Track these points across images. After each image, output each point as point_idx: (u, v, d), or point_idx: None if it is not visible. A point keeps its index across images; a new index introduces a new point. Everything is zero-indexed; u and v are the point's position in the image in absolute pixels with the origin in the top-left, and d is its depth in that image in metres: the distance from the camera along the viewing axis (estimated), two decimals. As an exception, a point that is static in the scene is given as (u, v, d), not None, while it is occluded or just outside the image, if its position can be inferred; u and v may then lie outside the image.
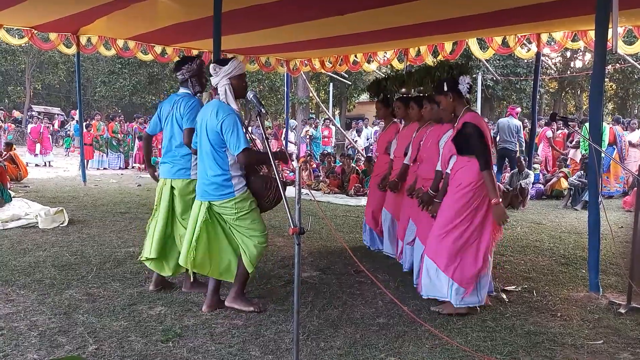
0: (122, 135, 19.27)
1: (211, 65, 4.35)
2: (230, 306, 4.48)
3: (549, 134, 14.85)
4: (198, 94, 4.98)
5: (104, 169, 18.28)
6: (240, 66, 4.39)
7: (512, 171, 11.80)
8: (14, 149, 14.23)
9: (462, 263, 4.48)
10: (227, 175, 4.28)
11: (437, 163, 4.98)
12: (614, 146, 13.04)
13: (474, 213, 4.45)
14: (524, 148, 13.14)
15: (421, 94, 6.25)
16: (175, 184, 4.88)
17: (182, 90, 5.02)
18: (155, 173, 5.38)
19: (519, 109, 13.39)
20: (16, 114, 35.35)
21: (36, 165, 18.61)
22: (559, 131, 15.23)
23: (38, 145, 19.37)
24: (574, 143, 14.35)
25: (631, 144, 13.68)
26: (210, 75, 4.46)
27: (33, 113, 29.14)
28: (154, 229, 4.91)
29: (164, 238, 4.91)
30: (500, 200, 4.43)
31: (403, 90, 6.63)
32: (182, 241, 4.65)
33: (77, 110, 14.62)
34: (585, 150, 13.46)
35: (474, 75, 6.17)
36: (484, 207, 4.46)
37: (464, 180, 4.46)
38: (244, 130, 4.23)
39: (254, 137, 4.86)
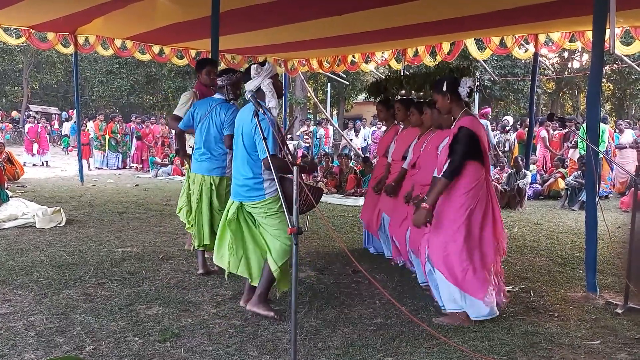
0: (121, 136, 19.24)
1: (252, 67, 4.36)
2: (252, 310, 4.38)
3: (543, 133, 14.84)
4: (232, 102, 5.34)
5: (101, 169, 18.24)
6: (274, 66, 4.51)
7: (509, 171, 11.82)
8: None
9: (470, 271, 4.34)
10: (260, 179, 4.30)
11: (435, 170, 4.89)
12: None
13: (471, 217, 4.36)
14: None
15: (422, 99, 6.21)
16: (213, 180, 5.39)
17: (217, 95, 5.40)
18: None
19: (485, 110, 13.36)
20: (14, 114, 35.33)
21: (33, 165, 18.58)
22: (556, 132, 15.24)
23: (35, 145, 19.35)
24: (572, 143, 14.36)
25: (621, 147, 13.70)
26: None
27: (30, 113, 29.07)
28: (202, 221, 5.45)
29: (212, 226, 5.41)
30: (427, 207, 4.30)
31: (403, 92, 6.58)
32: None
33: (75, 110, 14.59)
34: (584, 150, 13.48)
35: (477, 76, 6.12)
36: (480, 210, 4.37)
37: (457, 184, 4.37)
38: (278, 136, 4.19)
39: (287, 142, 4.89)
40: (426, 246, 4.57)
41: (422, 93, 6.26)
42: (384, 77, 7.32)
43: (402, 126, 6.43)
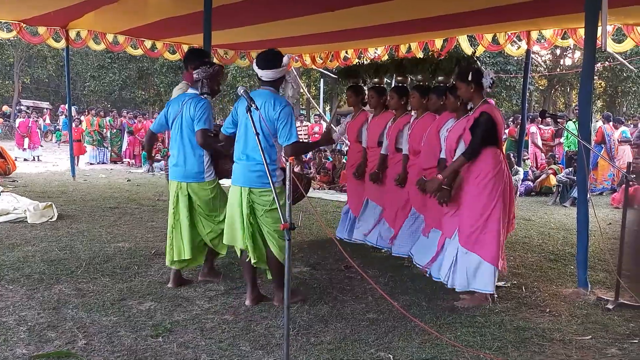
0: (112, 131, 19.15)
1: (287, 56, 4.40)
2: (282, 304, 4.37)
3: (533, 129, 14.88)
4: (205, 95, 4.88)
5: (91, 164, 18.16)
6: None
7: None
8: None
9: (499, 248, 4.68)
10: (275, 165, 4.35)
11: (440, 152, 5.18)
12: (602, 145, 13.14)
13: (501, 198, 4.63)
14: None
15: (400, 84, 6.33)
16: (191, 188, 4.87)
17: (191, 90, 4.96)
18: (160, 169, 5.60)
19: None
20: (5, 108, 35.15)
21: (25, 159, 18.49)
22: (548, 127, 15.30)
23: (26, 140, 19.25)
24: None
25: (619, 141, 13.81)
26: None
27: (22, 107, 28.92)
28: (181, 233, 4.91)
29: (193, 239, 4.94)
30: (444, 180, 4.69)
31: (376, 80, 6.68)
32: (208, 234, 4.97)
33: (67, 105, 14.53)
34: (568, 147, 13.56)
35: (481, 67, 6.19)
36: (506, 191, 4.67)
37: (483, 170, 4.61)
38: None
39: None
40: (456, 230, 4.84)
41: (400, 78, 6.37)
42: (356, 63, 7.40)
43: (372, 113, 6.60)
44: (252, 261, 4.49)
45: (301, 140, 4.52)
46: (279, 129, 4.29)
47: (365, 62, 7.13)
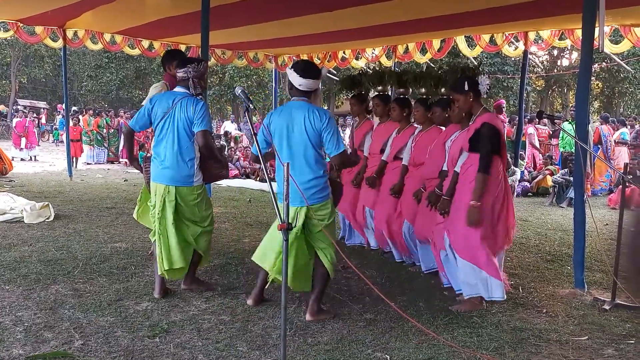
0: (109, 131, 19.14)
1: (325, 69, 4.38)
2: (315, 319, 4.28)
3: (531, 130, 14.87)
4: (200, 97, 4.64)
5: (88, 164, 18.11)
6: None
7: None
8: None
9: (489, 256, 4.62)
10: (326, 177, 4.27)
11: (443, 163, 5.12)
12: (599, 146, 13.17)
13: (492, 211, 4.58)
14: None
15: (402, 95, 6.33)
16: (179, 192, 4.58)
17: (179, 89, 4.64)
18: (144, 169, 5.19)
19: (499, 102, 13.40)
20: (2, 107, 35.11)
21: (22, 159, 18.45)
22: (545, 127, 15.31)
23: (23, 140, 19.22)
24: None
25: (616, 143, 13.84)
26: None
27: (18, 107, 28.87)
28: (168, 240, 4.60)
29: (181, 245, 4.64)
30: (477, 205, 4.47)
31: (380, 88, 6.67)
32: (195, 239, 4.72)
33: (64, 105, 14.51)
34: (563, 148, 13.58)
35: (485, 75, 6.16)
36: (499, 203, 4.61)
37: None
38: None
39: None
40: (446, 235, 4.77)
41: (402, 90, 6.37)
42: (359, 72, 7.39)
43: (377, 121, 6.58)
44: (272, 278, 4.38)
45: (349, 150, 4.43)
46: (327, 139, 4.19)
47: (368, 72, 7.05)
